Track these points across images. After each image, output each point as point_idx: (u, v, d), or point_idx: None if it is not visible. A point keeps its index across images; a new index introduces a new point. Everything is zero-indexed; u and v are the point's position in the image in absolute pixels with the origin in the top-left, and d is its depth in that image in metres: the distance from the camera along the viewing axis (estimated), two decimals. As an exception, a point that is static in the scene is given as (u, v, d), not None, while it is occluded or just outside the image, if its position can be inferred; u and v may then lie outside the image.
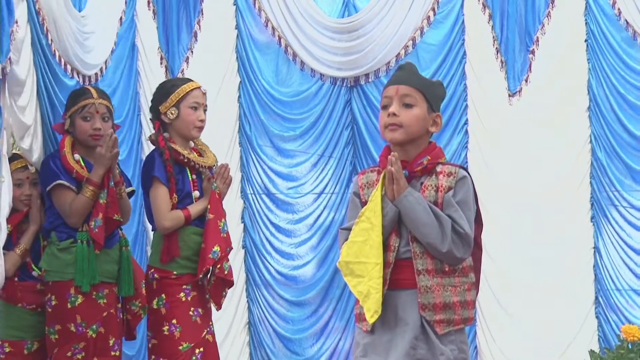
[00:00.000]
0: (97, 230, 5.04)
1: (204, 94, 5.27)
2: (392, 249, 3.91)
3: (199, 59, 6.84)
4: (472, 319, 4.01)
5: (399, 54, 6.90)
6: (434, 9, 6.89)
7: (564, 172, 6.96)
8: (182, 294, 5.08)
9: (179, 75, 6.67)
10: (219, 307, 5.21)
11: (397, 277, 3.91)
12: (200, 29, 6.84)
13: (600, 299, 6.94)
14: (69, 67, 5.54)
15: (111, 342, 5.12)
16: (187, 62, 6.79)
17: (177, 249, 5.09)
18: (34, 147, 5.24)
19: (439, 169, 3.96)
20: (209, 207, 5.14)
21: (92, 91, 5.23)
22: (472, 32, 6.99)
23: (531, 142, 6.96)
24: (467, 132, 7.04)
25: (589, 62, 6.96)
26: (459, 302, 3.91)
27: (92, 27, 5.77)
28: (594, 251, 6.97)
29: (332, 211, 7.15)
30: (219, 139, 6.75)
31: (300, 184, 7.20)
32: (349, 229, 3.97)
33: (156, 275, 5.12)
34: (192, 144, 5.30)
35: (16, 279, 5.13)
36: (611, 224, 6.89)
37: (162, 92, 5.21)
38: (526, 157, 6.97)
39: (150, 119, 5.39)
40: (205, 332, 5.12)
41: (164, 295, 5.08)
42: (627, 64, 6.84)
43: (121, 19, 6.36)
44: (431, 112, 3.98)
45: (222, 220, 5.16)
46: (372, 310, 3.87)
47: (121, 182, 5.23)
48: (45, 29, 5.29)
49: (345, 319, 7.08)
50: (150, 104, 5.30)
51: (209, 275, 5.12)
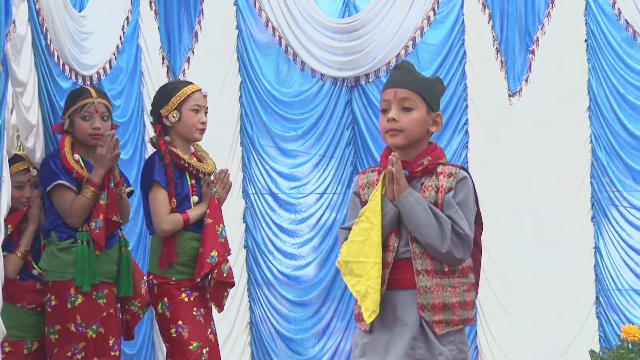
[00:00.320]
0: (97, 231, 5.04)
1: (205, 97, 5.26)
2: (391, 249, 3.91)
3: (200, 59, 6.84)
4: (471, 320, 4.01)
5: (399, 54, 6.90)
6: (434, 9, 6.89)
7: (564, 172, 6.95)
8: (183, 295, 5.10)
9: (180, 75, 6.68)
10: (220, 309, 5.21)
11: (396, 277, 3.90)
12: (200, 29, 6.84)
13: (600, 298, 6.93)
14: (67, 68, 5.54)
15: (111, 342, 5.12)
16: (189, 62, 6.79)
17: (174, 255, 5.10)
18: (36, 147, 5.24)
19: (439, 169, 3.95)
20: (208, 211, 5.14)
21: (91, 91, 5.23)
22: (472, 32, 6.99)
23: (531, 142, 6.96)
24: (467, 132, 7.03)
25: (589, 62, 6.95)
26: (458, 302, 3.91)
27: (91, 28, 5.75)
28: (595, 251, 6.96)
29: (334, 211, 7.15)
30: (221, 139, 6.76)
31: (302, 184, 7.20)
32: (349, 229, 3.96)
33: (155, 281, 5.14)
34: (192, 149, 5.30)
35: (17, 278, 5.14)
36: (612, 224, 6.89)
37: (163, 96, 5.21)
38: (526, 157, 6.96)
39: (151, 122, 5.39)
40: (209, 332, 5.14)
41: (166, 298, 5.10)
42: (627, 64, 6.83)
43: (127, 18, 6.35)
44: (431, 112, 3.97)
45: (221, 225, 5.15)
46: (369, 310, 3.87)
47: (121, 183, 5.23)
48: (44, 29, 5.28)
49: (346, 319, 7.08)
50: (151, 108, 5.30)
51: (209, 278, 5.12)
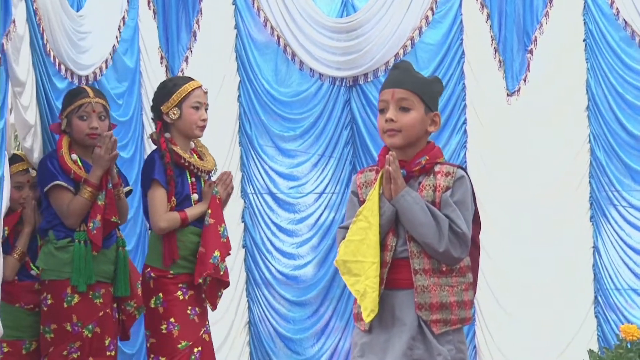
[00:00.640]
0: (95, 232, 5.04)
1: (206, 93, 5.26)
2: (389, 249, 3.91)
3: (198, 59, 6.84)
4: (469, 319, 4.00)
5: (398, 53, 6.89)
6: (432, 9, 6.88)
7: (563, 172, 6.95)
8: (179, 293, 5.09)
9: (179, 74, 6.66)
10: (214, 307, 5.21)
11: (394, 277, 3.90)
12: (199, 28, 6.82)
13: (599, 298, 6.92)
14: (62, 67, 5.54)
15: (107, 342, 5.12)
16: (187, 62, 6.78)
17: (176, 252, 5.10)
18: (34, 147, 5.24)
19: (437, 168, 3.94)
20: (210, 212, 5.13)
21: (88, 90, 5.23)
22: (471, 31, 6.99)
23: (530, 142, 6.95)
24: (465, 131, 7.03)
25: (587, 62, 6.95)
26: (456, 302, 3.90)
27: (88, 27, 5.75)
28: (593, 251, 6.95)
29: (333, 211, 7.14)
30: (220, 139, 6.76)
31: (301, 183, 7.20)
32: (347, 228, 3.96)
33: (153, 274, 5.12)
34: (192, 145, 5.30)
35: (15, 278, 5.15)
36: (610, 224, 6.88)
37: (164, 92, 5.20)
38: (525, 157, 6.95)
39: (152, 119, 5.39)
40: (202, 331, 5.13)
41: (161, 294, 5.09)
42: (625, 64, 6.82)
43: (124, 18, 6.35)
44: (429, 112, 3.97)
45: (222, 225, 5.15)
46: (368, 309, 3.87)
47: (119, 184, 5.23)
48: (41, 28, 5.28)
49: (345, 319, 7.08)
50: (151, 104, 5.30)
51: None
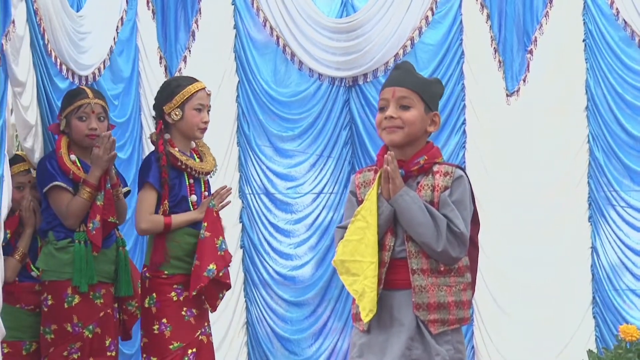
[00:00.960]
0: (94, 232, 5.04)
1: (209, 95, 5.25)
2: (387, 248, 3.91)
3: (197, 59, 6.82)
4: (468, 319, 4.01)
5: (398, 53, 6.89)
6: (432, 9, 6.88)
7: (561, 172, 6.95)
8: (173, 294, 5.07)
9: (177, 74, 6.65)
10: (213, 309, 5.19)
11: (392, 277, 3.90)
12: (198, 28, 6.81)
13: (597, 298, 6.92)
14: (64, 68, 5.54)
15: (107, 342, 5.13)
16: (185, 62, 6.78)
17: (163, 256, 5.08)
18: (35, 147, 5.24)
19: (435, 168, 3.96)
20: (206, 225, 5.09)
21: (88, 91, 5.23)
22: (470, 32, 6.98)
23: (529, 142, 6.95)
24: (464, 132, 7.02)
25: (587, 62, 6.94)
26: (454, 302, 3.91)
27: (89, 27, 5.76)
28: (592, 251, 6.95)
29: (331, 211, 7.14)
30: (218, 139, 6.74)
31: (299, 184, 7.19)
32: (345, 228, 3.97)
33: (148, 274, 5.13)
34: (193, 145, 5.29)
35: (16, 279, 5.15)
36: (609, 224, 6.87)
37: (167, 92, 5.19)
38: (524, 157, 6.95)
39: (153, 117, 5.38)
40: (199, 333, 5.11)
41: (155, 294, 5.08)
42: (625, 64, 6.82)
43: (122, 18, 6.35)
44: (429, 111, 3.98)
45: (220, 238, 5.11)
46: (367, 309, 3.87)
47: (118, 184, 5.23)
48: (42, 28, 5.28)
49: (343, 320, 7.07)
50: (154, 102, 5.29)
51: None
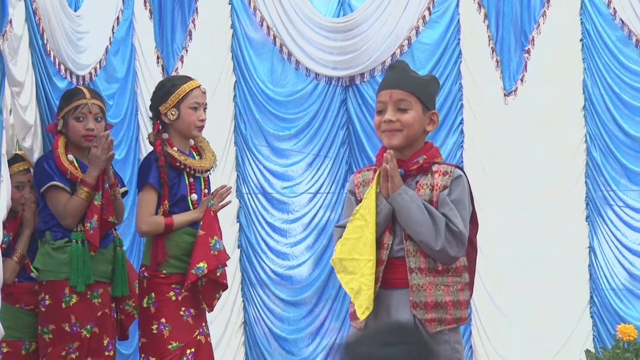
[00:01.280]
0: (92, 232, 5.04)
1: (204, 93, 5.24)
2: (385, 247, 3.92)
3: (193, 58, 6.82)
4: (465, 319, 4.01)
5: (395, 53, 6.89)
6: (429, 9, 6.88)
7: (559, 172, 6.94)
8: (171, 293, 5.06)
9: (173, 74, 6.64)
10: (210, 309, 5.18)
11: (390, 276, 3.91)
12: (195, 27, 6.81)
13: (595, 298, 6.92)
14: (62, 67, 5.53)
15: (105, 342, 5.12)
16: (182, 61, 6.78)
17: (162, 256, 5.07)
18: (34, 147, 5.24)
19: (434, 168, 3.96)
20: (202, 223, 5.09)
21: (85, 91, 5.22)
22: (468, 31, 6.97)
23: (526, 142, 6.94)
24: (462, 131, 7.02)
25: (584, 62, 6.94)
26: (452, 301, 3.91)
27: (86, 27, 5.76)
28: (589, 251, 6.95)
29: (328, 211, 7.13)
30: (215, 139, 6.70)
31: (295, 183, 7.19)
32: (344, 227, 3.97)
33: (146, 273, 5.12)
34: (192, 142, 5.29)
35: (16, 280, 5.14)
36: (606, 224, 6.87)
37: (162, 93, 5.18)
38: (521, 157, 6.94)
39: (150, 118, 5.38)
40: (197, 333, 5.10)
41: (153, 294, 5.07)
42: (622, 63, 6.82)
43: (118, 18, 6.34)
44: (426, 111, 3.99)
45: (215, 237, 5.09)
46: (363, 306, 3.87)
47: (116, 184, 5.22)
48: (41, 28, 5.28)
49: (341, 319, 7.07)
50: (149, 103, 5.29)
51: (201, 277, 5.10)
